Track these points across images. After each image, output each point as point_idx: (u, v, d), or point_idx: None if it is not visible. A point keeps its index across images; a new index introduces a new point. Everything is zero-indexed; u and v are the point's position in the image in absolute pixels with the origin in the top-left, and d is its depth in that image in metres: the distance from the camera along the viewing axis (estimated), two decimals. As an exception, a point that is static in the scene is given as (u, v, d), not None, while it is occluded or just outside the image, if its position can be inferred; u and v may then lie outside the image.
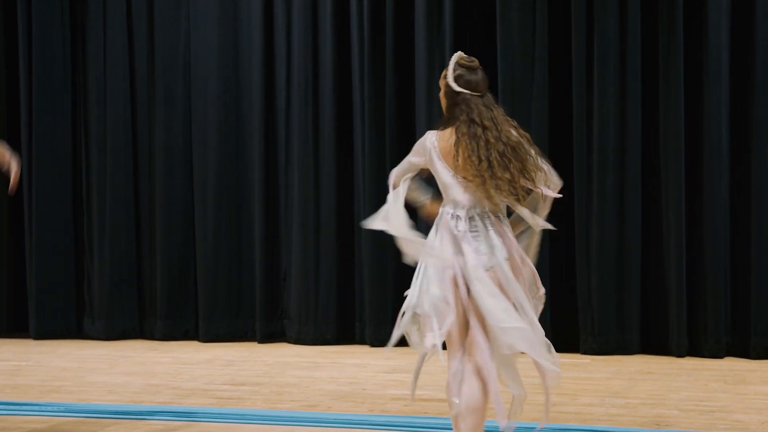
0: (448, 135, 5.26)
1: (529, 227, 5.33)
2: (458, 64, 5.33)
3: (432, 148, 5.28)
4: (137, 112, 11.37)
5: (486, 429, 5.35)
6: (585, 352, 9.82)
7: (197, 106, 11.13)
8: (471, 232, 5.18)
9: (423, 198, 5.53)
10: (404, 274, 10.41)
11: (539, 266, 5.38)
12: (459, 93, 5.29)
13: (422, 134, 9.32)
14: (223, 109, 11.03)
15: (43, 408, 7.72)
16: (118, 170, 11.28)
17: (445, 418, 7.05)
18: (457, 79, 5.30)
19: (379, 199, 10.35)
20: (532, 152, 5.22)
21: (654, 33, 9.77)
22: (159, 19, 11.28)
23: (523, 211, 5.23)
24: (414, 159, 5.37)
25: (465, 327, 5.23)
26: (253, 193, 10.95)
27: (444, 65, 10.03)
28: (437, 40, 10.27)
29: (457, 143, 5.19)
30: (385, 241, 10.41)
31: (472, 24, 10.31)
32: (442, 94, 5.39)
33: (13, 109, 11.67)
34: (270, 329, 10.92)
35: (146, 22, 11.33)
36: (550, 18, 9.98)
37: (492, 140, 5.16)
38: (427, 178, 5.50)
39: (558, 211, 9.04)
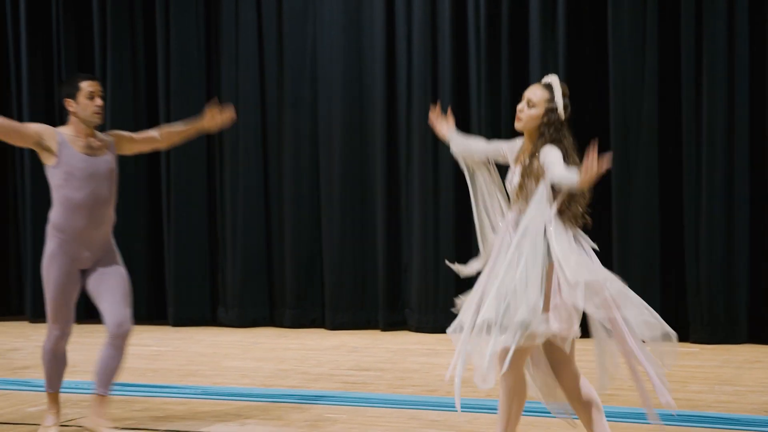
0: None
1: None
2: (564, 95, 5.32)
3: None
4: (267, 115, 11.53)
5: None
6: (695, 341, 9.73)
7: (323, 109, 11.24)
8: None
9: None
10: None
11: (649, 256, 5.36)
12: (563, 123, 5.27)
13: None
14: (347, 112, 11.11)
15: (181, 390, 7.88)
16: (249, 169, 11.46)
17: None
18: (565, 109, 5.30)
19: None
20: None
21: (762, 32, 9.64)
22: (288, 28, 11.41)
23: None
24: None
25: None
26: (376, 189, 11.04)
27: (557, 69, 10.09)
28: (551, 45, 10.24)
29: None
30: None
31: (585, 26, 10.27)
32: (540, 114, 5.30)
33: (152, 112, 11.92)
34: (392, 318, 11.01)
35: (276, 30, 11.47)
36: (660, 18, 9.90)
37: None
38: None
39: (668, 204, 8.99)
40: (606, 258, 9.93)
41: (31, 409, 7.31)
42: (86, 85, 6.28)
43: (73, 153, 6.29)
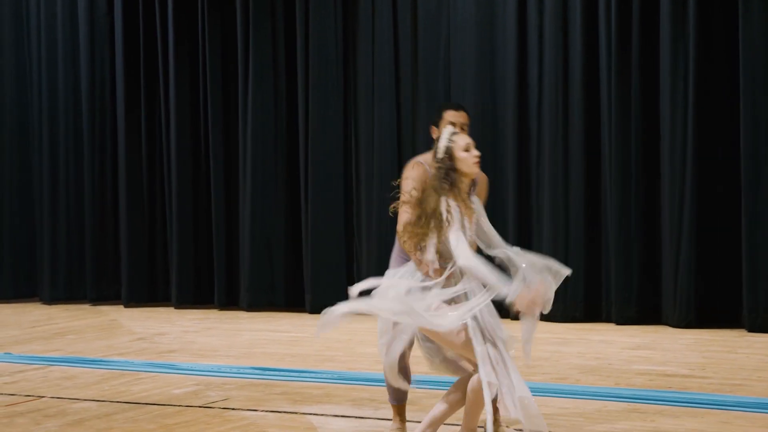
0: None
1: None
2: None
3: None
4: (401, 111, 11.57)
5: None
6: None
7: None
8: None
9: None
10: (649, 255, 10.34)
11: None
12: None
13: (666, 129, 9.18)
14: (480, 106, 11.08)
15: (318, 375, 7.97)
16: (384, 164, 11.49)
17: (688, 393, 6.98)
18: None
19: (624, 190, 10.30)
20: None
21: None
22: (422, 25, 11.43)
23: None
24: None
25: None
26: (508, 183, 10.96)
27: (687, 61, 9.94)
28: (681, 39, 10.08)
29: None
30: (629, 226, 10.36)
31: (715, 18, 10.08)
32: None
33: (292, 108, 12.07)
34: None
35: (410, 27, 11.50)
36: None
37: None
38: None
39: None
40: (735, 252, 9.81)
41: (176, 392, 7.47)
42: (449, 115, 5.98)
43: None
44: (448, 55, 11.31)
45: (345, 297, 5.88)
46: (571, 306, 10.62)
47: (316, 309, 11.69)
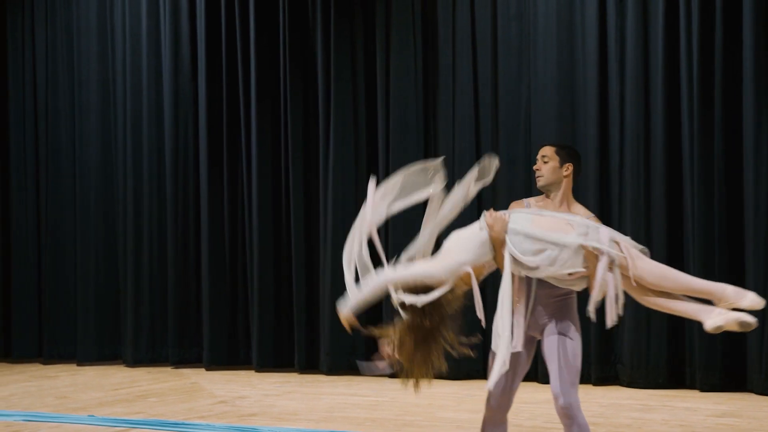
0: None
1: None
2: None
3: None
4: (480, 140, 11.54)
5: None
6: None
7: (535, 136, 11.14)
8: None
9: None
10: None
11: None
12: None
13: (751, 190, 9.06)
14: (560, 131, 11.01)
15: (399, 441, 7.95)
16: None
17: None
18: None
19: (707, 256, 10.16)
20: None
21: None
22: (502, 49, 11.44)
23: None
24: None
25: None
26: (587, 203, 10.82)
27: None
28: (764, 97, 10.00)
29: None
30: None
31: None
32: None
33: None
34: (604, 373, 10.83)
35: (491, 52, 11.51)
36: None
37: None
38: None
39: None
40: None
41: (256, 456, 7.47)
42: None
43: None
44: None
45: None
46: (654, 371, 10.47)
47: (396, 373, 11.64)
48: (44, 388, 11.38)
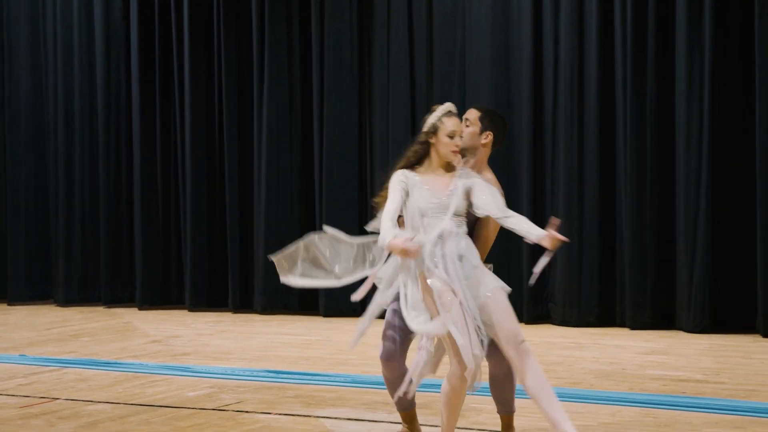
0: None
1: None
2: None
3: None
4: (416, 113, 11.57)
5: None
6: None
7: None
8: None
9: None
10: (664, 260, 10.34)
11: None
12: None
13: (682, 135, 9.17)
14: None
15: (332, 379, 7.96)
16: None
17: (702, 398, 6.96)
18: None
19: (638, 196, 10.30)
20: None
21: None
22: (437, 30, 11.43)
23: None
24: None
25: None
26: (522, 190, 10.94)
27: (702, 62, 9.92)
28: (697, 42, 10.08)
29: None
30: (644, 230, 10.35)
31: (731, 20, 10.07)
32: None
33: (307, 110, 12.08)
34: (536, 312, 10.95)
35: (426, 30, 11.49)
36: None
37: None
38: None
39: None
40: (750, 258, 9.83)
41: (190, 394, 7.48)
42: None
43: None
44: (463, 58, 11.30)
45: (358, 301, 5.93)
46: (586, 310, 10.61)
47: (330, 312, 11.71)
48: (-26, 329, 11.29)
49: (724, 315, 10.03)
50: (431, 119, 5.57)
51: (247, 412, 6.87)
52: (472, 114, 5.87)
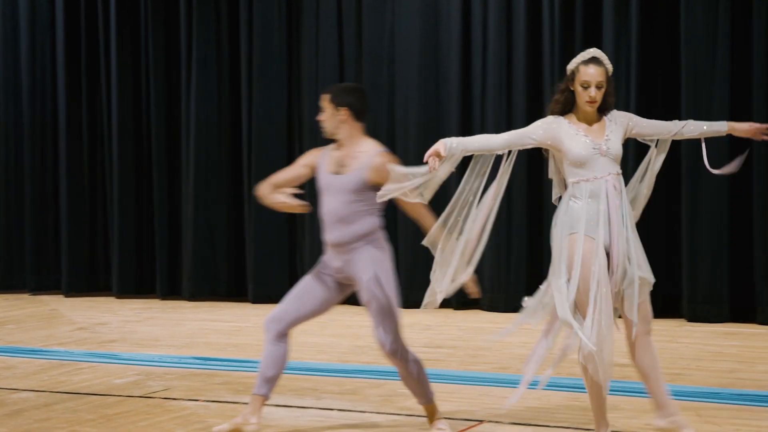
0: None
1: None
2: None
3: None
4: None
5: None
6: (762, 323, 9.63)
7: (399, 93, 11.24)
8: None
9: None
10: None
11: (719, 238, 5.37)
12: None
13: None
14: (423, 97, 11.10)
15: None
16: (327, 151, 11.49)
17: (628, 382, 7.05)
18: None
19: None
20: None
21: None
22: (366, 14, 11.43)
23: None
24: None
25: None
26: (450, 176, 10.96)
27: (630, 52, 10.03)
28: (624, 32, 10.18)
29: None
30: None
31: (658, 8, 10.18)
32: (608, 90, 5.32)
33: (235, 95, 12.02)
34: (465, 297, 10.97)
35: (355, 17, 11.49)
36: (732, 1, 9.82)
37: None
38: None
39: (737, 188, 8.83)
40: (675, 239, 9.95)
41: (117, 382, 7.43)
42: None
43: None
44: (392, 44, 11.31)
45: (288, 287, 5.90)
46: (514, 295, 10.66)
47: (259, 299, 11.68)
48: None
49: (654, 299, 10.12)
50: (570, 65, 5.39)
51: (174, 399, 6.84)
52: (323, 100, 5.93)
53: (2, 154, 12.95)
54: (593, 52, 5.33)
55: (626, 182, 5.44)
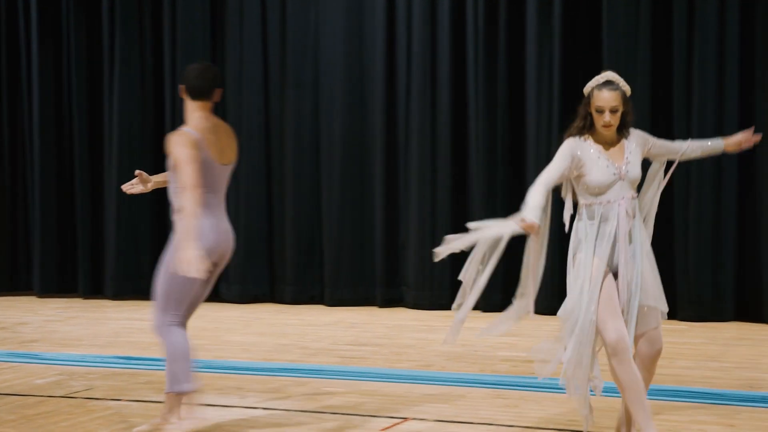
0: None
1: None
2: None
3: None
4: (270, 98, 11.53)
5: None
6: (683, 319, 9.77)
7: (324, 91, 11.25)
8: None
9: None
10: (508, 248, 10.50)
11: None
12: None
13: (533, 117, 9.39)
14: (348, 94, 11.13)
15: (185, 364, 7.92)
16: (252, 151, 11.42)
17: (551, 379, 7.10)
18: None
19: (489, 175, 10.47)
20: None
21: (751, 17, 9.70)
22: (291, 11, 11.41)
23: None
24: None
25: None
26: (375, 171, 11.05)
27: (552, 56, 10.12)
28: (546, 29, 10.27)
29: None
30: (495, 214, 10.49)
31: (580, 14, 10.29)
32: (625, 111, 5.28)
33: (159, 92, 11.93)
34: (390, 295, 11.04)
35: (279, 13, 11.47)
36: (653, 5, 9.95)
37: None
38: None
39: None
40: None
41: (38, 382, 7.35)
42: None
43: None
44: (317, 41, 11.30)
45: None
46: (438, 293, 10.73)
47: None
48: None
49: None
50: (586, 88, 5.31)
51: (97, 399, 6.78)
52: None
53: None
54: (607, 75, 5.30)
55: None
